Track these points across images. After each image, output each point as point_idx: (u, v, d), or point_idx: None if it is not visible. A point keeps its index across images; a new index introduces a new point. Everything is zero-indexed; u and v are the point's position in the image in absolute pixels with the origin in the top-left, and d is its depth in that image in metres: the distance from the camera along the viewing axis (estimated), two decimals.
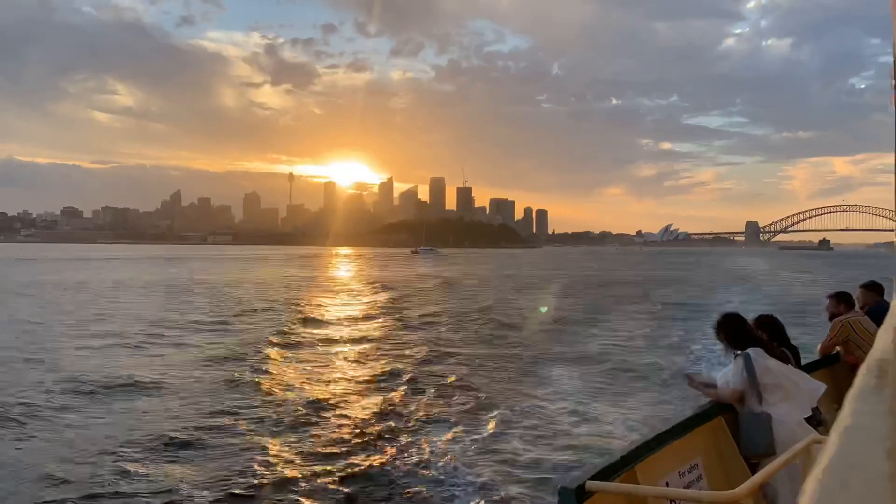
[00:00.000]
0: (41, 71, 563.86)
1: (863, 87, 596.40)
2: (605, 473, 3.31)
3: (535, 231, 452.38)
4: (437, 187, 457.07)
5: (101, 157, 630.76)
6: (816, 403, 4.68)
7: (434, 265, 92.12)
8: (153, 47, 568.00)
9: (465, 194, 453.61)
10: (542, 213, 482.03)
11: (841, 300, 6.68)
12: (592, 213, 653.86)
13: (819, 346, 6.59)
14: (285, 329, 21.71)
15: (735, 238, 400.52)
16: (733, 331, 4.72)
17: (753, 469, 4.25)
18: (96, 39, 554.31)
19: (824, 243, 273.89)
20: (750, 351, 4.60)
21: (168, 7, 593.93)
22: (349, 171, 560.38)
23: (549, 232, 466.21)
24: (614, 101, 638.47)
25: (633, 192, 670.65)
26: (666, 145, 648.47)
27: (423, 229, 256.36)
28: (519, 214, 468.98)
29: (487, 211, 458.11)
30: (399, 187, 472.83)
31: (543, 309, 29.23)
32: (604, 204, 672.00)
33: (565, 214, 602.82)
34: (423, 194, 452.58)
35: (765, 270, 72.88)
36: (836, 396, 5.23)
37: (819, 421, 4.61)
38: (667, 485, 3.86)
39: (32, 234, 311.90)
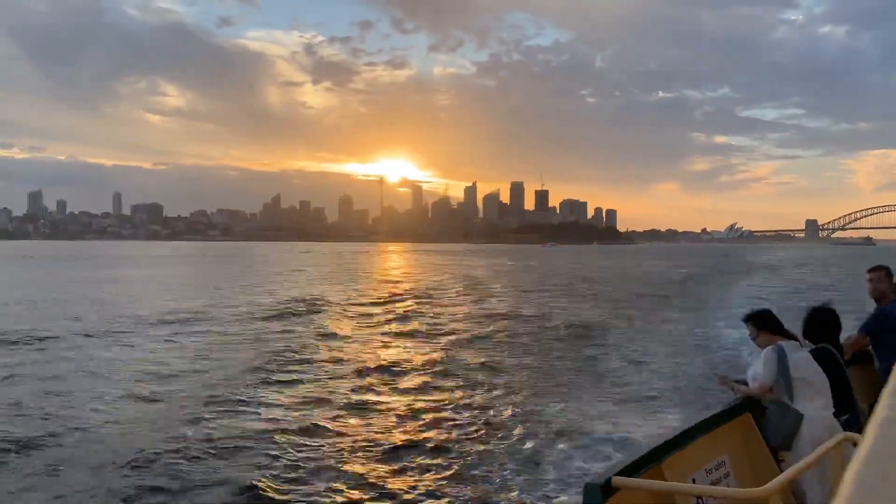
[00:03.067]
0: (93, 74, 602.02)
1: None
2: (632, 469, 3.37)
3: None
4: (517, 190, 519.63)
5: (160, 158, 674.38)
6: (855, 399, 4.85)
7: (590, 257, 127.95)
8: (198, 48, 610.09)
9: (542, 196, 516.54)
10: (612, 213, 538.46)
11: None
12: (648, 209, 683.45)
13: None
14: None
15: (795, 235, 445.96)
16: (767, 324, 4.82)
17: (780, 465, 4.39)
18: (144, 41, 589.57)
19: (868, 240, 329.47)
20: (782, 344, 4.65)
21: (206, 8, 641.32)
22: (397, 169, 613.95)
23: (622, 230, 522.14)
24: (661, 94, 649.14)
25: (687, 187, 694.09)
26: (718, 139, 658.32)
27: (546, 230, 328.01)
28: (590, 213, 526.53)
29: (558, 211, 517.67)
30: (438, 185, 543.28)
31: None
32: (657, 199, 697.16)
33: (621, 211, 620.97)
34: (504, 195, 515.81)
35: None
36: (872, 393, 5.51)
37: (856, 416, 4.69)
38: (694, 481, 3.92)
39: (218, 235, 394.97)
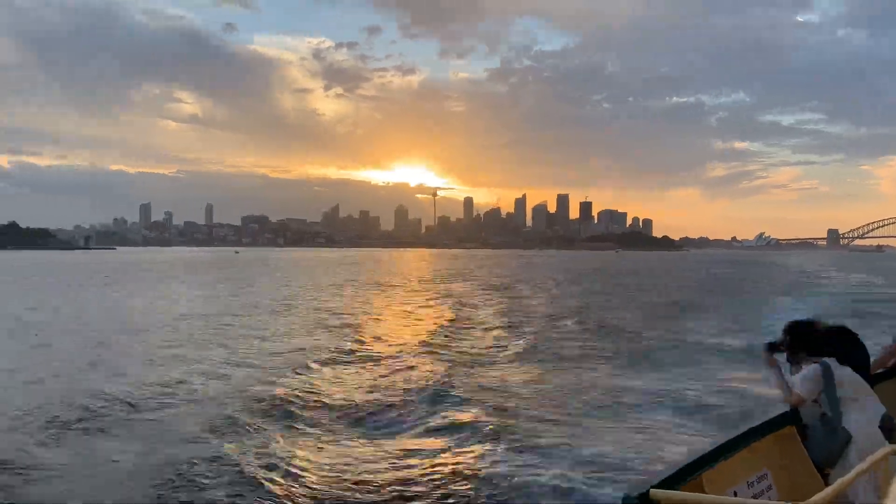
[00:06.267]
0: (107, 81, 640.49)
1: None
2: (670, 482, 3.36)
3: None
4: (563, 201, 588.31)
5: (180, 165, 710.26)
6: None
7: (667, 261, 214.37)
8: (208, 54, 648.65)
9: (586, 207, 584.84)
10: (648, 222, 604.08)
11: None
12: (672, 215, 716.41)
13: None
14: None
15: (818, 243, 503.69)
16: (806, 338, 4.91)
17: (826, 480, 4.37)
18: (155, 48, 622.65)
19: (879, 248, 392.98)
20: (827, 360, 4.74)
21: (211, 14, 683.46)
22: (416, 176, 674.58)
23: (658, 237, 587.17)
24: (675, 100, 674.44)
25: (706, 193, 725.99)
26: (736, 144, 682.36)
27: (613, 239, 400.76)
28: (621, 223, 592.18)
29: (596, 221, 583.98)
30: (460, 191, 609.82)
31: None
32: (678, 206, 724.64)
33: (643, 217, 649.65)
34: (551, 206, 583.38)
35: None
36: None
37: (891, 428, 4.67)
38: (734, 495, 3.91)
39: (329, 242, 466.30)
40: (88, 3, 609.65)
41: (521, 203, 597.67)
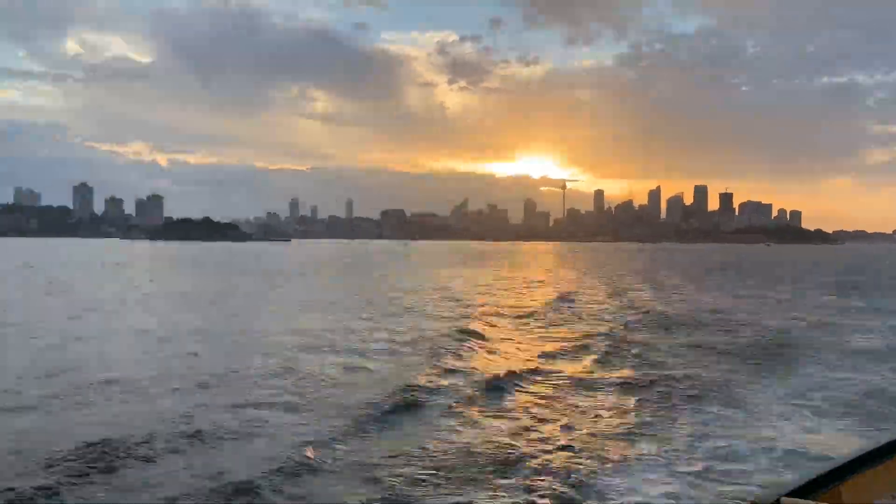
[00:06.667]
0: (250, 82, 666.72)
1: None
2: (805, 490, 3.19)
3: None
4: (700, 193, 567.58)
5: (314, 161, 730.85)
6: None
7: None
8: (340, 53, 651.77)
9: (726, 199, 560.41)
10: (796, 214, 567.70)
11: None
12: (823, 206, 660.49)
13: None
14: None
15: None
16: None
17: None
18: (293, 49, 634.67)
19: None
20: None
21: (343, 14, 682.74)
22: (539, 167, 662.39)
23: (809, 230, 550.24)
24: (826, 80, 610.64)
25: (862, 182, 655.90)
26: None
27: (760, 232, 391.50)
28: (766, 215, 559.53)
29: (737, 213, 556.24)
30: (587, 181, 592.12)
31: None
32: (830, 196, 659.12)
33: (791, 208, 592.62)
34: (686, 198, 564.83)
35: None
36: None
37: None
38: None
39: (463, 235, 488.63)
40: (230, 8, 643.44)
41: (654, 195, 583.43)
